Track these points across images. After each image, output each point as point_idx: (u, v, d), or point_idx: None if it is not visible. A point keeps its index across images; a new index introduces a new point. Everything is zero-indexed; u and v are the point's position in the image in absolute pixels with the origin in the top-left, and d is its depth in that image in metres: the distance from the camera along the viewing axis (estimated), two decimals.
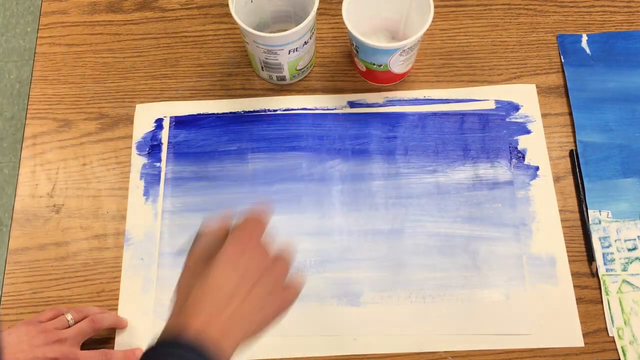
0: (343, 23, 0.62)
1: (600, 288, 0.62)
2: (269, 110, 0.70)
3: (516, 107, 0.69)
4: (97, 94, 0.72)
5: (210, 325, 0.41)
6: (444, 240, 0.64)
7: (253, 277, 0.44)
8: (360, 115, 0.70)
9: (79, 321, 0.59)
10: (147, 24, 0.75)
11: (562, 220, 0.65)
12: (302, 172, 0.67)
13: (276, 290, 0.45)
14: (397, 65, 0.66)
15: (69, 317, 0.58)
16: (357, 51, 0.66)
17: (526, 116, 0.69)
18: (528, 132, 0.68)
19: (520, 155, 0.67)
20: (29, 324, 0.56)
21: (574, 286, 0.62)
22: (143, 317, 0.62)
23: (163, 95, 0.72)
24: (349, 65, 0.72)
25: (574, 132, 0.68)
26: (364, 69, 0.68)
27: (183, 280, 0.45)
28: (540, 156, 0.67)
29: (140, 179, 0.68)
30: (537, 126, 0.69)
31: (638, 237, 0.64)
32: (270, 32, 0.62)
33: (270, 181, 0.67)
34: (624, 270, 0.63)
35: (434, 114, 0.69)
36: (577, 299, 0.62)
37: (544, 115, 0.69)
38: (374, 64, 0.66)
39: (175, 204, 0.66)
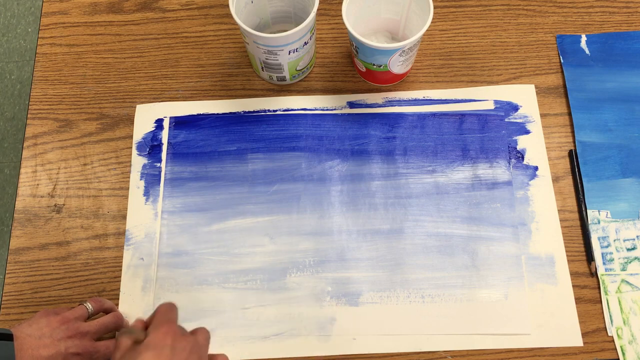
0: (343, 23, 0.62)
1: (599, 288, 0.62)
2: (269, 110, 0.71)
3: (515, 108, 0.70)
4: (98, 94, 0.72)
5: None
6: (443, 240, 0.64)
7: (182, 356, 0.45)
8: (359, 116, 0.70)
9: (98, 310, 0.60)
10: (147, 24, 0.76)
11: (561, 220, 0.65)
12: (302, 172, 0.67)
13: None
14: (397, 65, 0.66)
15: (89, 306, 0.59)
16: (357, 51, 0.66)
17: (525, 116, 0.69)
18: (527, 132, 0.69)
19: (519, 156, 0.68)
20: (48, 315, 0.55)
21: (573, 286, 0.62)
22: (143, 317, 0.62)
23: (163, 95, 0.72)
24: (348, 66, 0.73)
25: (573, 132, 0.69)
26: (363, 69, 0.68)
27: None
28: (540, 156, 0.67)
29: (141, 179, 0.68)
30: (536, 126, 0.69)
31: (637, 237, 0.64)
32: (271, 33, 0.62)
33: (269, 181, 0.67)
34: (623, 270, 0.63)
35: (433, 114, 0.70)
36: (576, 299, 0.62)
37: (543, 116, 0.69)
38: (373, 65, 0.66)
39: (175, 204, 0.67)
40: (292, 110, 0.70)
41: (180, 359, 0.45)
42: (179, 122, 0.70)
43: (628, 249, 0.64)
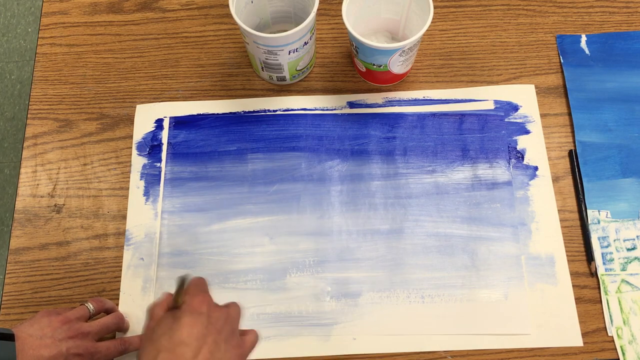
0: (343, 23, 0.62)
1: (599, 288, 0.62)
2: (268, 110, 0.71)
3: (515, 108, 0.70)
4: (98, 94, 0.72)
5: None
6: (443, 240, 0.64)
7: (217, 325, 0.46)
8: (359, 116, 0.70)
9: (99, 311, 0.60)
10: (147, 24, 0.76)
11: (561, 220, 0.65)
12: (302, 172, 0.67)
13: (234, 337, 0.48)
14: (397, 65, 0.66)
15: (90, 306, 0.59)
16: (357, 51, 0.66)
17: (525, 116, 0.69)
18: (527, 132, 0.69)
19: (519, 156, 0.68)
20: (50, 315, 0.55)
21: (573, 286, 0.62)
22: (143, 317, 0.63)
23: (163, 95, 0.72)
24: (348, 66, 0.73)
25: (573, 132, 0.69)
26: (363, 69, 0.68)
27: (148, 334, 0.47)
28: (539, 156, 0.67)
29: (141, 179, 0.68)
30: (536, 126, 0.69)
31: (637, 237, 0.64)
32: (271, 33, 0.62)
33: (269, 181, 0.67)
34: (623, 270, 0.63)
35: (433, 114, 0.70)
36: (576, 299, 0.62)
37: (543, 116, 0.69)
38: (373, 65, 0.66)
39: (175, 204, 0.67)
40: (292, 110, 0.70)
41: (216, 327, 0.45)
42: (179, 122, 0.70)
43: (628, 249, 0.64)
